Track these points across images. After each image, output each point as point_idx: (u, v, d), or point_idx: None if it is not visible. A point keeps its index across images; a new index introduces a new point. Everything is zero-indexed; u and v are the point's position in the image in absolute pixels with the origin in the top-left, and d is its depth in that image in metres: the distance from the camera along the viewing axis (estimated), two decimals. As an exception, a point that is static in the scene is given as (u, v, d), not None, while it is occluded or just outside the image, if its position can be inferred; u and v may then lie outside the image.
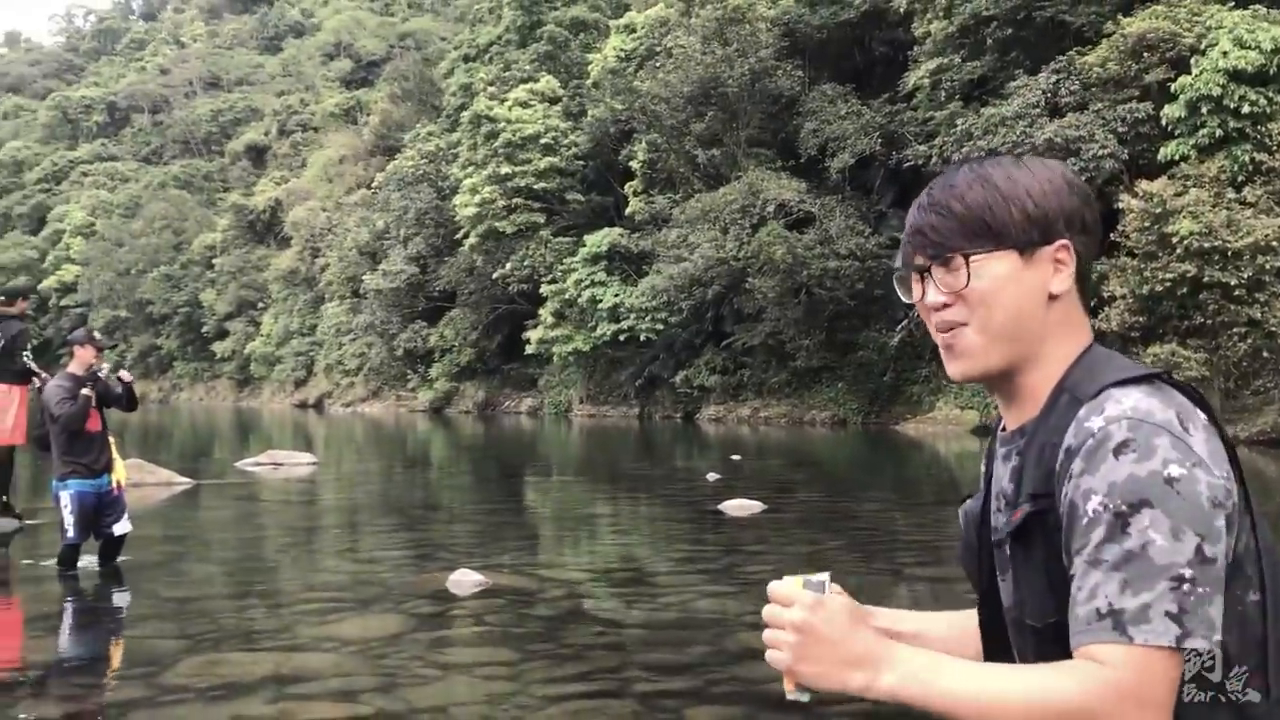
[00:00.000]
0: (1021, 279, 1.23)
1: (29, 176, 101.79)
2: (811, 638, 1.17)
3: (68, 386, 7.77)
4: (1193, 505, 1.09)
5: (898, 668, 1.15)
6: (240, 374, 70.94)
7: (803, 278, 30.65)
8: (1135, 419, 1.12)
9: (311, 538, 10.53)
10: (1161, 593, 1.07)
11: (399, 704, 4.60)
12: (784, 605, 1.22)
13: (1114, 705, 1.06)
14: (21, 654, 5.81)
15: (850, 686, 1.16)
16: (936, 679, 1.13)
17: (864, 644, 1.17)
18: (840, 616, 1.19)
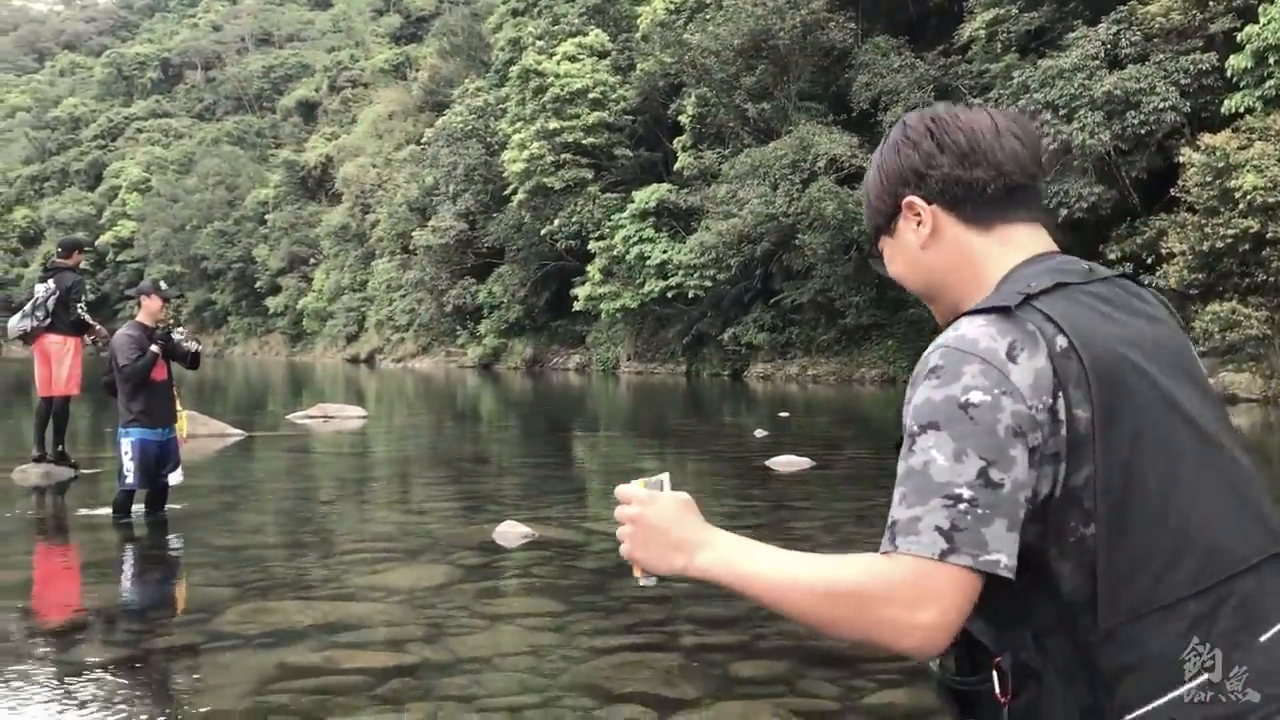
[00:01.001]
0: (900, 248, 1.39)
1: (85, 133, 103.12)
2: (643, 527, 1.32)
3: (136, 337, 7.84)
4: (985, 431, 1.13)
5: (711, 550, 1.27)
6: (293, 329, 71.74)
7: (853, 234, 30.27)
8: (951, 346, 1.19)
9: (361, 489, 10.61)
10: (934, 508, 1.12)
11: (445, 654, 4.60)
12: (626, 504, 1.36)
13: (883, 595, 1.13)
14: (78, 600, 5.91)
15: (675, 567, 1.30)
16: (741, 561, 1.24)
17: (687, 530, 1.29)
18: (669, 509, 1.31)
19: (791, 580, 1.19)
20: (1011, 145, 1.32)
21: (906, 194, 1.35)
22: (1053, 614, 1.18)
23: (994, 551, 1.12)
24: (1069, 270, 1.27)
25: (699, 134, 37.78)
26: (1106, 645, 1.16)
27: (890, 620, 1.13)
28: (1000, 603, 1.19)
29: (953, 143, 1.32)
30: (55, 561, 7.17)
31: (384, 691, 4.07)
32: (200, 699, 4.03)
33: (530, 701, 3.98)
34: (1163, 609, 1.16)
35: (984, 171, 1.31)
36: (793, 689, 4.15)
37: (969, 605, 1.14)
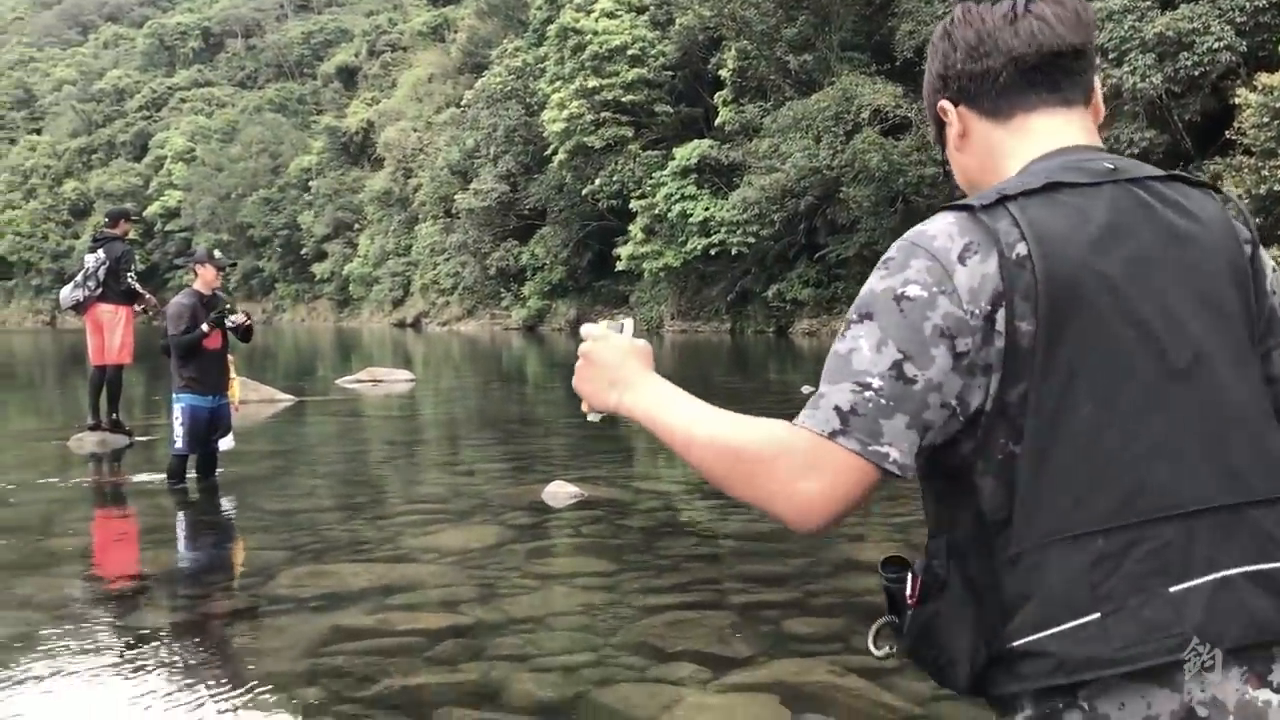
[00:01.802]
0: (950, 155, 1.37)
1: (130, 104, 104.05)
2: (591, 362, 1.35)
3: (188, 305, 7.88)
4: (911, 326, 1.11)
5: (639, 392, 1.29)
6: (339, 294, 72.35)
7: (899, 185, 29.90)
8: (909, 240, 1.17)
9: (411, 451, 10.67)
10: (841, 389, 1.12)
11: (497, 614, 4.61)
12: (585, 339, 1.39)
13: (771, 459, 1.13)
14: (137, 566, 5.99)
15: (607, 403, 1.33)
16: (661, 407, 1.26)
17: (626, 371, 1.32)
18: (617, 350, 1.34)
19: (699, 434, 1.19)
20: (1030, 25, 1.25)
21: (938, 99, 1.33)
22: (971, 529, 1.16)
23: (885, 444, 1.11)
24: (1081, 169, 1.19)
25: (740, 88, 37.37)
26: (1013, 569, 1.12)
27: (773, 485, 1.13)
28: (929, 509, 1.23)
29: (961, 38, 1.28)
30: (112, 528, 7.27)
31: (438, 653, 4.08)
32: (258, 662, 4.06)
33: (584, 660, 3.98)
34: (1069, 539, 1.11)
35: (993, 60, 1.26)
36: (848, 645, 4.11)
37: (856, 491, 1.12)
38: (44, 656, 4.16)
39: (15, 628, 4.51)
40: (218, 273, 8.06)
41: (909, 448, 1.12)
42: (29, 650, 4.22)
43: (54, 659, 4.13)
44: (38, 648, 4.25)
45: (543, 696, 3.63)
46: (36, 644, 4.30)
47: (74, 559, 6.08)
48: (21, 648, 4.25)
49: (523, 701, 3.59)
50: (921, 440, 1.13)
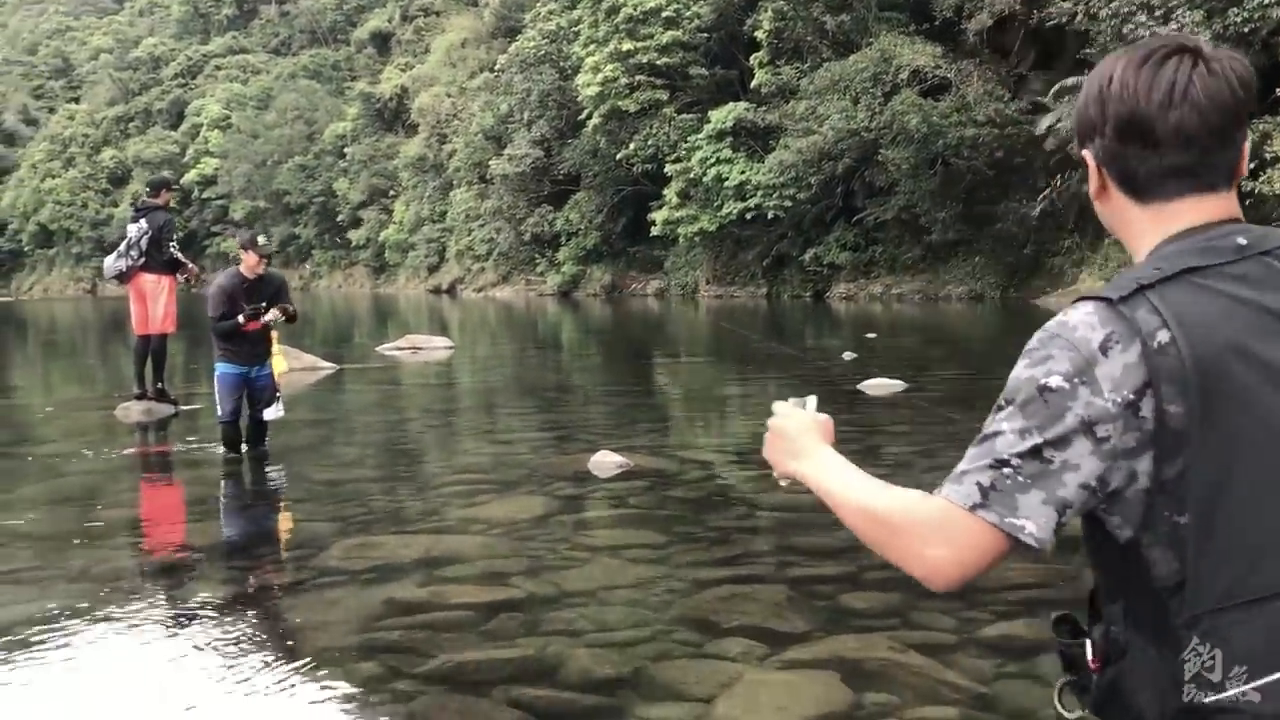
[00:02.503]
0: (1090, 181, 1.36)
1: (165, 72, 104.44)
2: (776, 434, 1.50)
3: (227, 289, 7.87)
4: (1053, 415, 1.19)
5: (811, 462, 1.43)
6: (375, 261, 72.56)
7: (938, 147, 29.49)
8: (1051, 331, 1.24)
9: (453, 420, 10.68)
10: (982, 468, 1.21)
11: (549, 587, 4.59)
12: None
13: (908, 525, 1.25)
14: (186, 537, 6.02)
15: (786, 469, 1.47)
16: (825, 475, 1.40)
17: (804, 443, 1.47)
18: (798, 423, 1.49)
19: (853, 500, 1.34)
20: (1182, 118, 1.24)
21: (1083, 146, 1.35)
22: (1145, 595, 1.23)
23: (1022, 517, 1.19)
24: (1213, 249, 1.24)
25: (776, 49, 36.88)
26: (1191, 631, 1.19)
27: (905, 547, 1.26)
28: (1101, 579, 1.31)
29: (1115, 112, 1.28)
30: (161, 498, 7.33)
31: (492, 627, 4.06)
32: (313, 636, 4.06)
33: (640, 636, 3.94)
34: (1248, 602, 1.18)
35: (1140, 149, 1.28)
36: (906, 621, 4.05)
37: (986, 559, 1.22)
38: (101, 629, 4.19)
39: (71, 600, 4.53)
40: (260, 260, 8.01)
41: (1046, 523, 1.20)
42: (86, 623, 4.25)
43: (110, 632, 4.16)
44: (94, 620, 4.28)
45: (600, 673, 3.60)
46: (92, 617, 4.32)
47: (125, 530, 6.13)
48: (78, 621, 4.27)
49: (580, 679, 3.56)
50: (1060, 518, 1.21)
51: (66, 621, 4.25)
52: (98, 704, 3.54)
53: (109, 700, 3.57)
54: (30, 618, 4.29)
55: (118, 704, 3.53)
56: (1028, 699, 3.38)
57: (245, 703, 3.47)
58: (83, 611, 4.37)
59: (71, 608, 4.41)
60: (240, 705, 3.46)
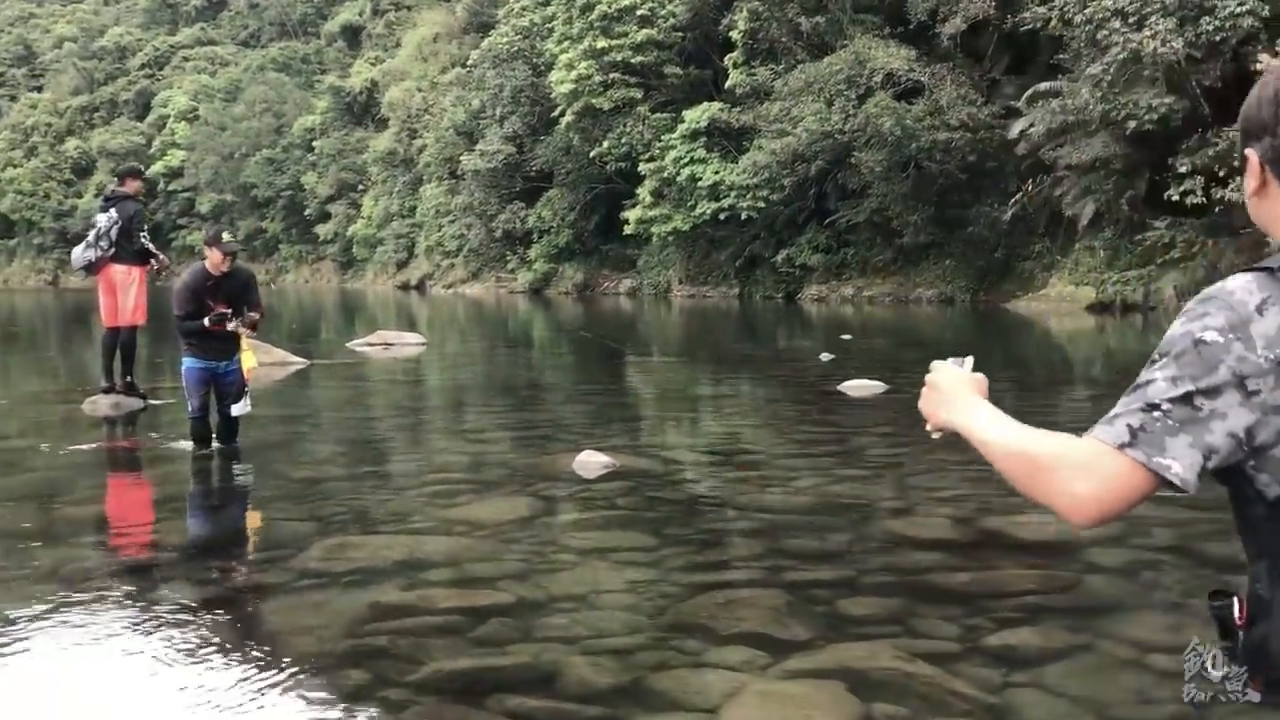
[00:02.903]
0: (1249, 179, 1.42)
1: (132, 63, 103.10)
2: (933, 387, 1.59)
3: (191, 287, 7.66)
4: (1206, 366, 1.27)
5: (965, 413, 1.52)
6: (343, 256, 71.94)
7: (911, 150, 29.57)
8: (1209, 295, 1.32)
9: (428, 417, 10.52)
10: (1134, 411, 1.30)
11: (538, 591, 4.45)
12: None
13: (1057, 461, 1.33)
14: (159, 537, 5.82)
15: (941, 420, 1.56)
16: (979, 423, 1.48)
17: (961, 396, 1.55)
18: (956, 378, 1.59)
19: (1002, 442, 1.42)
20: None
21: (1246, 146, 1.40)
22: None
23: (1169, 458, 1.27)
24: None
25: (751, 50, 36.86)
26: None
27: (1054, 483, 1.32)
28: (1246, 538, 1.39)
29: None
30: (130, 495, 7.13)
31: (483, 633, 3.92)
32: (297, 641, 3.91)
33: (636, 643, 3.82)
34: None
35: None
36: (908, 629, 3.96)
37: (1131, 496, 1.30)
38: (70, 633, 4.01)
39: (41, 603, 4.34)
40: (225, 257, 7.76)
41: (1191, 465, 1.27)
42: (54, 626, 4.07)
43: (80, 636, 3.98)
44: (62, 624, 4.10)
45: (599, 683, 3.47)
46: (61, 619, 4.14)
47: (93, 528, 5.94)
48: (49, 623, 4.09)
49: (579, 688, 3.43)
50: (1206, 463, 1.27)
51: (32, 624, 4.07)
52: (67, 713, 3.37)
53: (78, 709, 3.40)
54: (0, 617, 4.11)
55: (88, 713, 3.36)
56: (1037, 710, 3.29)
57: (227, 712, 3.31)
58: (50, 613, 4.20)
59: (38, 609, 4.23)
60: (222, 715, 3.30)
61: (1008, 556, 4.90)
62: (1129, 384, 1.34)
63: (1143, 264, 25.85)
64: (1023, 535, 5.22)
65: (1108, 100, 24.15)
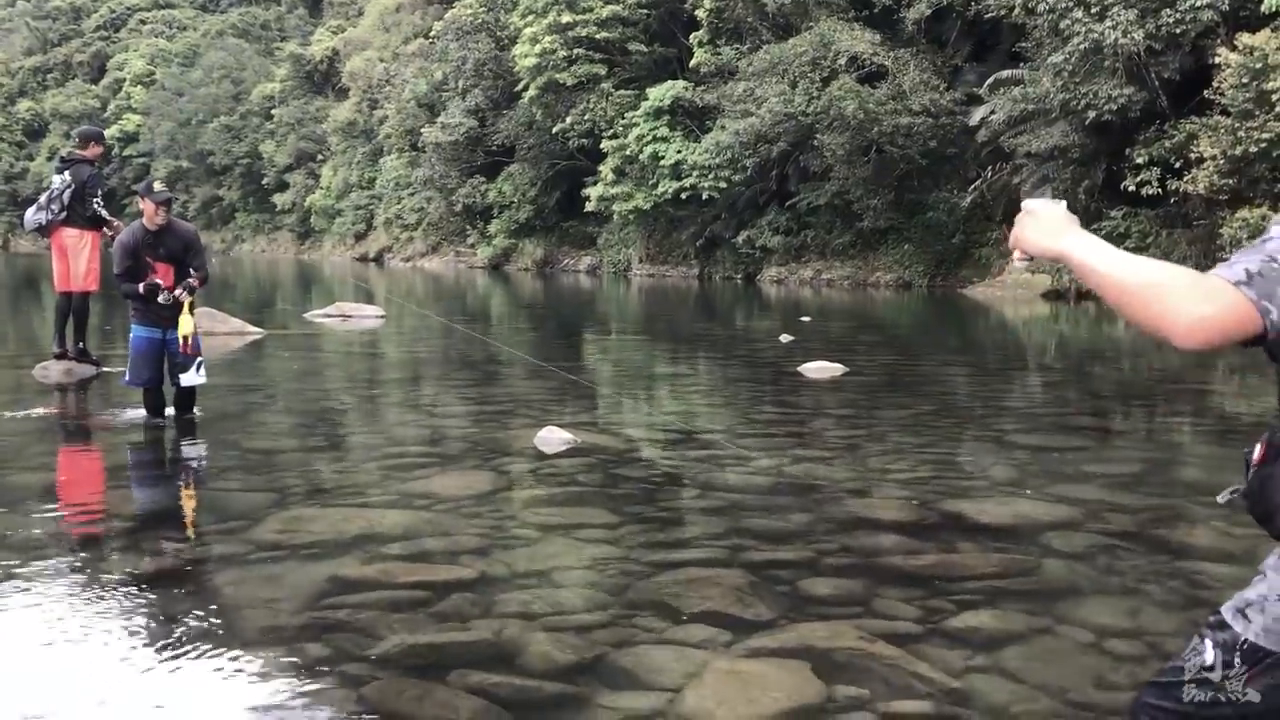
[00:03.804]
0: None
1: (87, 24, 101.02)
2: (1036, 217, 1.71)
3: (128, 246, 7.52)
4: None
5: (1072, 240, 1.63)
6: (301, 226, 71.17)
7: (873, 134, 29.66)
8: None
9: (388, 390, 10.43)
10: (1253, 258, 1.48)
11: (499, 567, 4.43)
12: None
13: (1182, 289, 1.46)
14: (112, 506, 5.72)
15: (1044, 245, 1.68)
16: (1093, 249, 1.59)
17: (1063, 225, 1.67)
18: (1057, 210, 1.70)
19: (1119, 266, 1.54)
20: None
21: None
22: None
23: (1275, 305, 1.44)
24: None
25: (716, 29, 36.77)
26: None
27: (1175, 305, 1.45)
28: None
29: None
30: (82, 465, 6.99)
31: (444, 608, 3.89)
32: (254, 614, 3.85)
33: (597, 620, 3.80)
34: None
35: None
36: (869, 610, 3.97)
37: (1236, 330, 1.45)
38: (18, 603, 3.93)
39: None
40: (157, 208, 7.55)
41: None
42: (3, 595, 3.99)
43: (29, 608, 3.90)
44: (13, 592, 4.02)
45: (561, 660, 3.45)
46: (11, 589, 4.06)
47: (42, 496, 5.82)
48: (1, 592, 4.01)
49: (541, 664, 3.41)
50: None
51: (-15, 593, 3.99)
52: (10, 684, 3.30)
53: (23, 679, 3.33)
54: (-55, 588, 4.02)
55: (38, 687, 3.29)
56: (1000, 694, 3.31)
57: (181, 684, 3.26)
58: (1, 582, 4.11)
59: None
60: (180, 687, 3.25)
61: (967, 539, 4.94)
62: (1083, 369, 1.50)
63: (1098, 253, 26.11)
64: (981, 519, 5.26)
65: (1068, 89, 24.34)
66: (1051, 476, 6.26)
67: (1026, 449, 7.15)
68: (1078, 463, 6.68)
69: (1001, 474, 6.34)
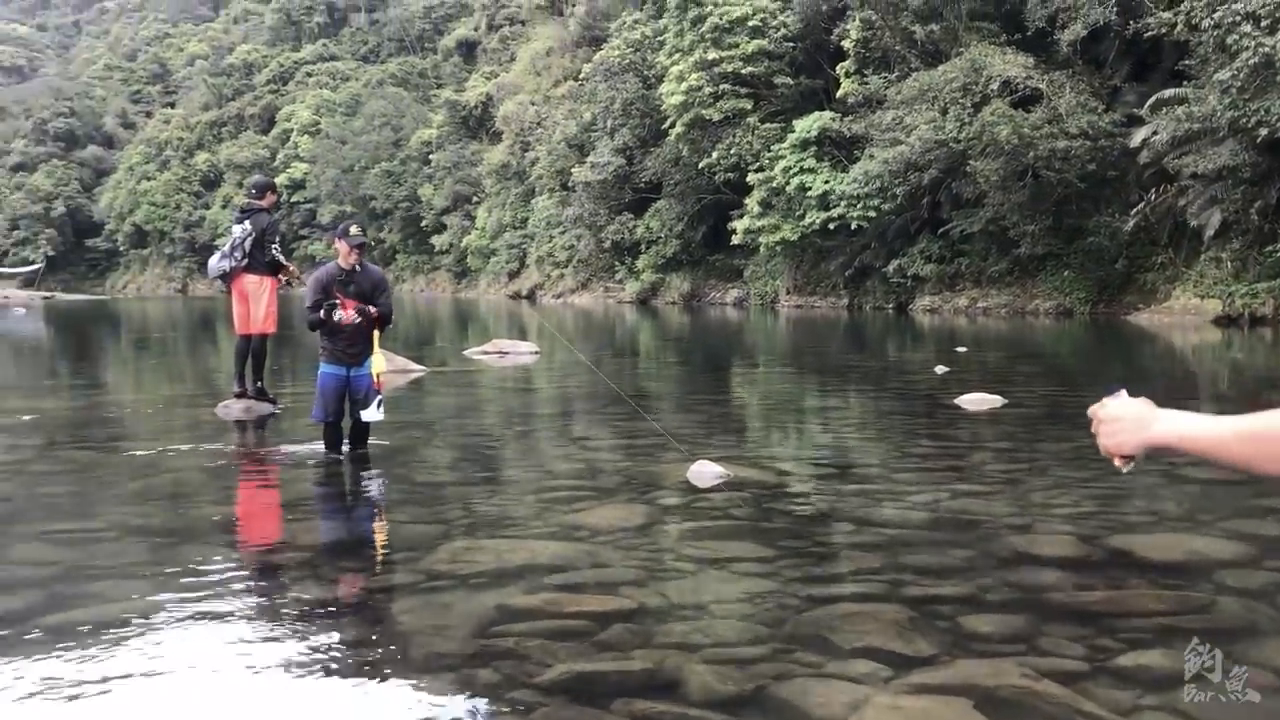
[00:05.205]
0: None
1: (259, 78, 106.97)
2: (1110, 420, 1.67)
3: (321, 280, 7.97)
4: None
5: (1168, 422, 1.60)
6: (457, 266, 73.43)
7: (1029, 159, 28.95)
8: None
9: (544, 424, 10.69)
10: None
11: (658, 598, 4.51)
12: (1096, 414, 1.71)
13: None
14: (290, 538, 6.05)
15: (1139, 441, 1.62)
16: (1192, 426, 1.56)
17: (1139, 415, 1.64)
18: (1126, 404, 1.67)
19: (1229, 432, 1.50)
20: None
21: None
22: None
23: None
24: None
25: (863, 59, 36.58)
26: None
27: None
28: None
29: None
30: (262, 498, 7.40)
31: (607, 638, 4.00)
32: (427, 640, 4.03)
33: (757, 653, 3.85)
34: None
35: None
36: (1033, 647, 3.90)
37: None
38: (206, 629, 4.20)
39: (175, 601, 4.55)
40: (351, 249, 8.01)
41: None
42: (191, 623, 4.27)
43: (217, 632, 4.16)
44: (199, 620, 4.30)
45: (722, 691, 3.50)
46: (197, 617, 4.34)
47: (228, 528, 6.20)
48: (183, 621, 4.29)
49: (702, 695, 3.48)
50: None
51: (166, 621, 4.27)
52: (206, 702, 3.54)
53: (211, 705, 3.57)
54: (139, 613, 4.33)
55: (226, 704, 3.53)
56: (1172, 734, 3.22)
57: (359, 708, 3.45)
58: (184, 611, 4.40)
59: (173, 607, 4.44)
60: (356, 709, 3.44)
61: (1136, 576, 4.79)
62: (1261, 397, 1.46)
63: (1273, 276, 24.87)
64: (1151, 555, 5.10)
65: (1237, 107, 23.33)
66: (1226, 512, 6.02)
67: (1198, 483, 6.87)
68: (1254, 497, 6.40)
69: (1172, 509, 6.13)
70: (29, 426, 10.02)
